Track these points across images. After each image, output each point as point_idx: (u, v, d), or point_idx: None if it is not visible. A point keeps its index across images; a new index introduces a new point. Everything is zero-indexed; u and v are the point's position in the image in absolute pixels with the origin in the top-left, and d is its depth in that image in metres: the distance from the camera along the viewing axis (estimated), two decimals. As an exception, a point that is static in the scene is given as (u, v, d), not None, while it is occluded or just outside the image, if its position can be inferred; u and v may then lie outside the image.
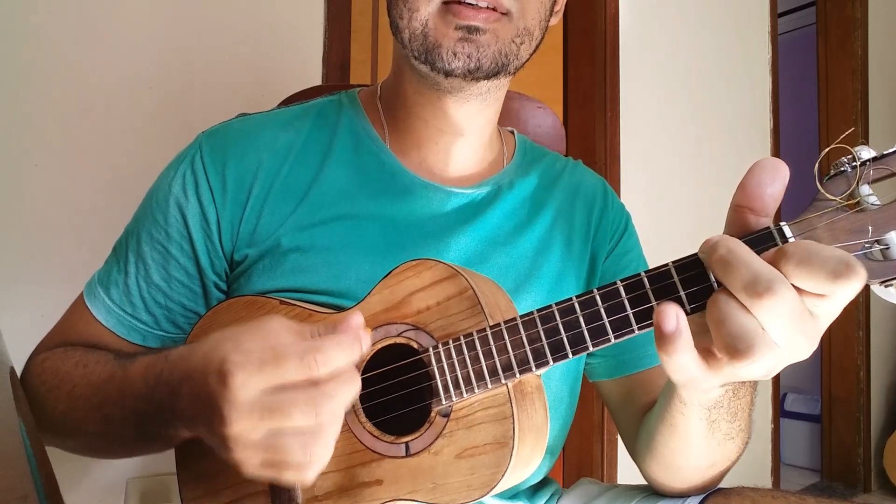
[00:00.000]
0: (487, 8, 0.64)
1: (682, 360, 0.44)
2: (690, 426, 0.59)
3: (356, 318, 0.49)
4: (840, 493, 2.65)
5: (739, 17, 2.29)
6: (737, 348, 0.41)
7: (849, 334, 2.69)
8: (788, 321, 0.41)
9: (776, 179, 0.44)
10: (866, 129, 2.70)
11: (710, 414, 0.57)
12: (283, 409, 0.44)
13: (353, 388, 0.47)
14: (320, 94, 0.82)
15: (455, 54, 0.64)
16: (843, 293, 0.40)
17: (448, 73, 0.66)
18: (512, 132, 0.86)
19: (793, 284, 0.41)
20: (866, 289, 0.44)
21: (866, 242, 0.43)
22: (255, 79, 1.34)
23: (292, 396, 0.44)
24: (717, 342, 0.43)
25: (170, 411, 0.51)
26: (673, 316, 0.43)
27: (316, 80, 1.42)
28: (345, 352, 0.47)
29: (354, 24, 1.52)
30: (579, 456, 1.84)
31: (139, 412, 0.55)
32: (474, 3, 0.64)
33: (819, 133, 2.85)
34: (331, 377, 0.46)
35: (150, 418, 0.55)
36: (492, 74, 0.67)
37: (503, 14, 0.65)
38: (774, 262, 0.42)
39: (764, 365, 0.43)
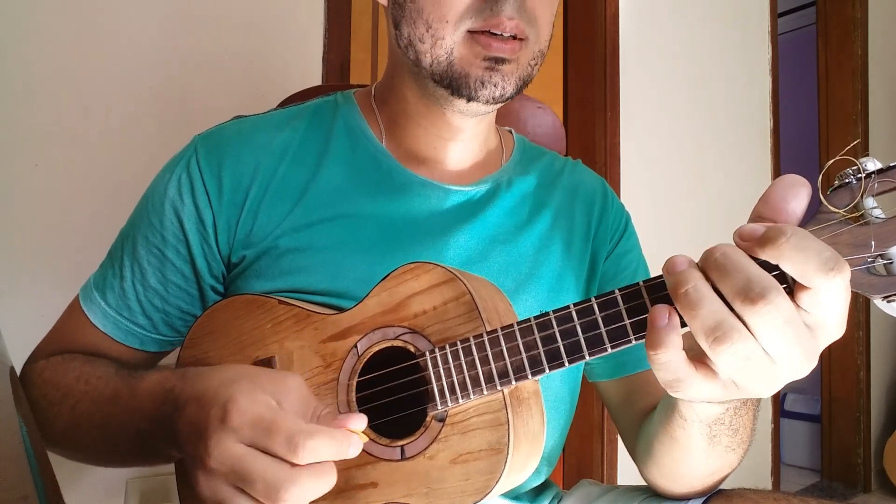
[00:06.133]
0: (512, 38, 0.64)
1: (667, 356, 0.43)
2: (691, 441, 0.59)
3: (357, 421, 0.50)
4: (840, 493, 2.65)
5: (739, 17, 2.29)
6: (713, 333, 0.41)
7: (849, 334, 2.68)
8: (782, 330, 0.40)
9: (798, 196, 0.44)
10: (866, 129, 2.70)
11: (711, 430, 0.57)
12: (250, 475, 0.45)
13: (323, 485, 0.47)
14: (320, 94, 0.81)
15: (483, 83, 0.65)
16: (828, 288, 0.39)
17: (472, 100, 0.66)
18: (510, 132, 0.86)
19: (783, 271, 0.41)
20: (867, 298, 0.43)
21: (869, 257, 0.42)
22: (255, 79, 1.34)
23: (263, 467, 0.45)
24: (694, 327, 0.42)
25: (171, 429, 0.52)
26: (665, 312, 0.43)
27: (316, 80, 1.42)
28: (333, 447, 0.47)
29: (354, 24, 1.52)
30: (579, 457, 1.84)
31: (143, 430, 0.56)
32: (499, 32, 0.63)
33: (819, 133, 2.85)
34: (308, 466, 0.46)
35: (152, 436, 0.55)
36: (512, 98, 0.67)
37: (522, 40, 0.66)
38: (770, 238, 0.41)
39: (760, 379, 0.42)
